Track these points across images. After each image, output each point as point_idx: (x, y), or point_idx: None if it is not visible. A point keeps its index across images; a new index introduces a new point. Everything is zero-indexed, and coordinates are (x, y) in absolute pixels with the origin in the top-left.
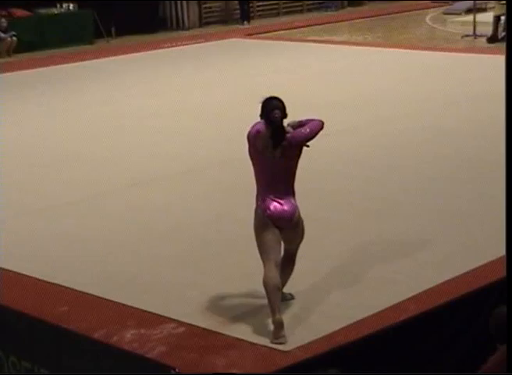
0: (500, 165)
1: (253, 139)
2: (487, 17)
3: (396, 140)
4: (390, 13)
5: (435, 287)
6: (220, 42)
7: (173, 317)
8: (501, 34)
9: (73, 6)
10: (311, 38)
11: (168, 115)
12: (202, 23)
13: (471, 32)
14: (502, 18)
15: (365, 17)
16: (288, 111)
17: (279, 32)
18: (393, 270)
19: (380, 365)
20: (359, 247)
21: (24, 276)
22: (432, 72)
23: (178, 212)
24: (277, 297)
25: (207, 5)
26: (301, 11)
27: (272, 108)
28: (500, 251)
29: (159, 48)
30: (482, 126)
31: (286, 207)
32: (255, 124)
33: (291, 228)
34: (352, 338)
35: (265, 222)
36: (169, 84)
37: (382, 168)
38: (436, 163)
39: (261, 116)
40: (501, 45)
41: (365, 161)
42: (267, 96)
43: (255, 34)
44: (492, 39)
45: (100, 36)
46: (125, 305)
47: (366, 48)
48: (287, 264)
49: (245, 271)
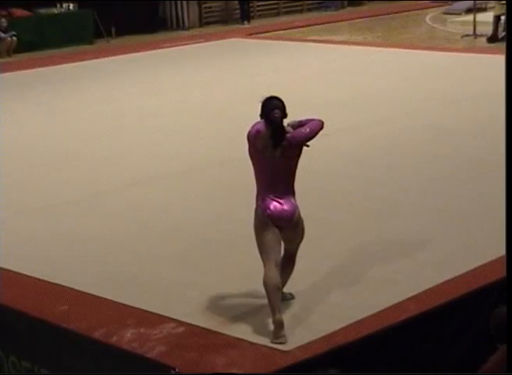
0: (500, 165)
1: (253, 139)
2: (487, 17)
3: (396, 139)
4: (390, 13)
5: (435, 287)
6: (220, 42)
7: (173, 317)
8: (501, 34)
9: (73, 6)
10: (311, 38)
11: (168, 114)
12: (202, 23)
13: (471, 32)
14: (502, 18)
15: (365, 17)
16: (288, 111)
17: (279, 32)
18: (393, 270)
19: (380, 365)
20: (359, 247)
21: (24, 275)
22: (432, 72)
23: (178, 212)
24: (277, 297)
25: (207, 5)
26: (301, 11)
27: (272, 107)
28: (500, 251)
29: (159, 48)
30: (482, 125)
31: (286, 207)
32: (255, 124)
33: (291, 228)
34: (352, 338)
35: (265, 221)
36: (169, 84)
37: (382, 168)
38: (436, 163)
39: (261, 116)
40: (501, 45)
41: (365, 160)
42: (267, 96)
43: (255, 34)
44: (492, 39)
45: (100, 36)
46: (125, 305)
47: (366, 48)
48: (287, 264)
49: (245, 271)
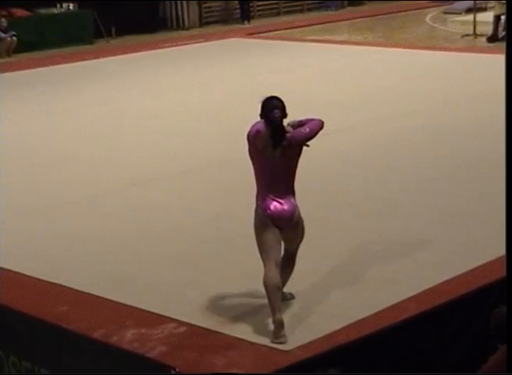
0: (500, 164)
1: (253, 139)
2: (487, 17)
3: (396, 139)
4: (390, 13)
5: (435, 287)
6: (220, 42)
7: (173, 317)
8: (501, 34)
9: (73, 6)
10: (311, 38)
11: (167, 115)
12: (202, 23)
13: (471, 31)
14: (502, 17)
15: (365, 17)
16: (288, 110)
17: (280, 32)
18: (393, 270)
19: (380, 365)
20: (359, 247)
21: (24, 275)
22: (432, 71)
23: (177, 212)
24: (277, 296)
25: (207, 5)
26: (301, 10)
27: (272, 107)
28: (500, 251)
29: (159, 48)
30: (482, 125)
31: (286, 206)
32: (255, 124)
33: (291, 228)
34: (352, 338)
35: (265, 221)
36: (169, 84)
37: (382, 167)
38: (436, 163)
39: (261, 116)
40: (501, 45)
41: (365, 160)
42: (267, 96)
43: (255, 34)
44: (492, 38)
45: (100, 36)
46: (125, 305)
47: (366, 48)
48: (287, 264)
49: (245, 271)
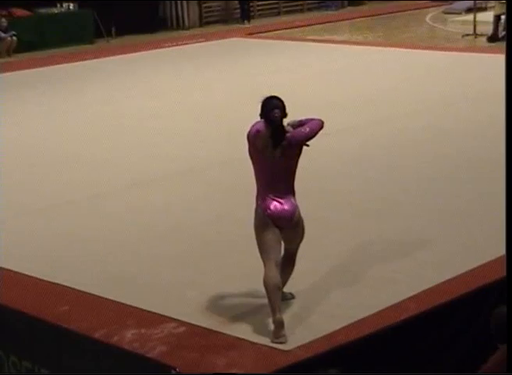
0: (500, 164)
1: (253, 138)
2: (487, 16)
3: (396, 139)
4: (390, 13)
5: (435, 287)
6: (220, 42)
7: (173, 317)
8: (501, 33)
9: (73, 6)
10: (312, 38)
11: (168, 115)
12: (202, 23)
13: (472, 31)
14: (502, 17)
15: (365, 16)
16: (288, 110)
17: (280, 31)
18: (393, 270)
19: (380, 365)
20: (359, 246)
21: (24, 276)
22: (433, 71)
23: (178, 213)
24: (277, 296)
25: (207, 5)
26: (301, 10)
27: (272, 107)
28: (500, 251)
29: (159, 48)
30: (482, 125)
31: (287, 206)
32: (255, 124)
33: (291, 228)
34: (352, 338)
35: (265, 221)
36: (169, 84)
37: (382, 168)
38: (436, 163)
39: (261, 116)
40: (501, 44)
41: (365, 160)
42: (267, 95)
43: (255, 34)
44: (493, 38)
45: (100, 36)
46: (125, 305)
47: (366, 48)
48: (287, 264)
49: (245, 271)
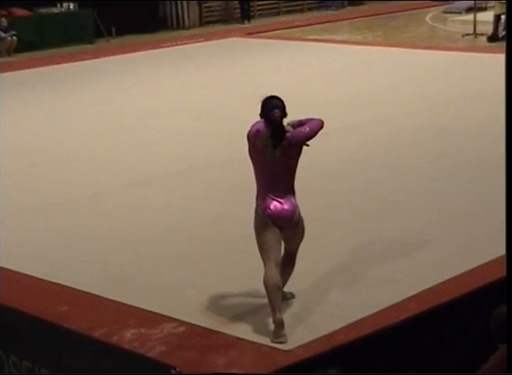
0: (500, 164)
1: (253, 138)
2: (487, 16)
3: (396, 139)
4: (390, 12)
5: (435, 287)
6: (220, 41)
7: (173, 316)
8: (501, 33)
9: (73, 6)
10: (312, 37)
11: (168, 114)
12: (202, 23)
13: (472, 31)
14: (502, 17)
15: (365, 16)
16: (288, 110)
17: (280, 31)
18: (393, 270)
19: (380, 364)
20: (359, 246)
21: (24, 275)
22: (433, 71)
23: (178, 212)
24: (277, 296)
25: (207, 5)
26: (301, 10)
27: (272, 107)
28: (500, 251)
29: (159, 48)
30: (482, 125)
31: (287, 206)
32: (255, 123)
33: (291, 227)
34: (352, 338)
35: (266, 221)
36: (169, 84)
37: (382, 167)
38: (436, 163)
39: (261, 116)
40: (501, 44)
41: (365, 160)
42: (267, 95)
43: (255, 33)
44: (493, 38)
45: (100, 35)
46: (125, 305)
47: (366, 47)
48: (287, 263)
49: (245, 270)
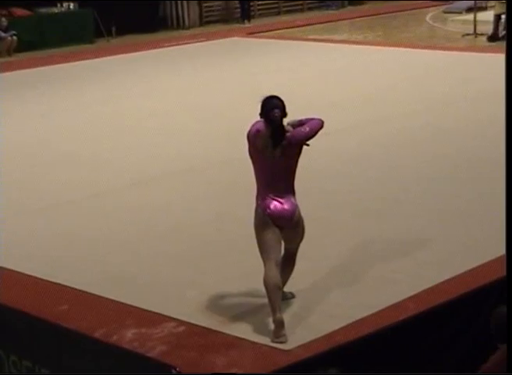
0: (500, 164)
1: (253, 138)
2: (487, 16)
3: (396, 139)
4: (390, 12)
5: (434, 287)
6: (221, 41)
7: (173, 316)
8: (501, 33)
9: (74, 5)
10: (312, 37)
11: (168, 115)
12: (203, 22)
13: (472, 31)
14: (502, 17)
15: (366, 16)
16: (288, 110)
17: (280, 31)
18: (393, 270)
19: (380, 364)
20: (359, 246)
21: (24, 275)
22: (433, 71)
23: (178, 212)
24: (277, 296)
25: (207, 4)
26: (302, 10)
27: (272, 107)
28: (500, 251)
29: (159, 48)
30: (482, 125)
31: (287, 206)
32: (255, 123)
33: (291, 227)
34: (352, 337)
35: (266, 221)
36: (170, 84)
37: (382, 167)
38: (436, 162)
39: (261, 115)
40: (501, 44)
41: (365, 160)
42: (267, 95)
43: (256, 33)
44: (493, 38)
45: (100, 35)
46: (125, 304)
47: (366, 47)
48: (287, 263)
49: (245, 270)
